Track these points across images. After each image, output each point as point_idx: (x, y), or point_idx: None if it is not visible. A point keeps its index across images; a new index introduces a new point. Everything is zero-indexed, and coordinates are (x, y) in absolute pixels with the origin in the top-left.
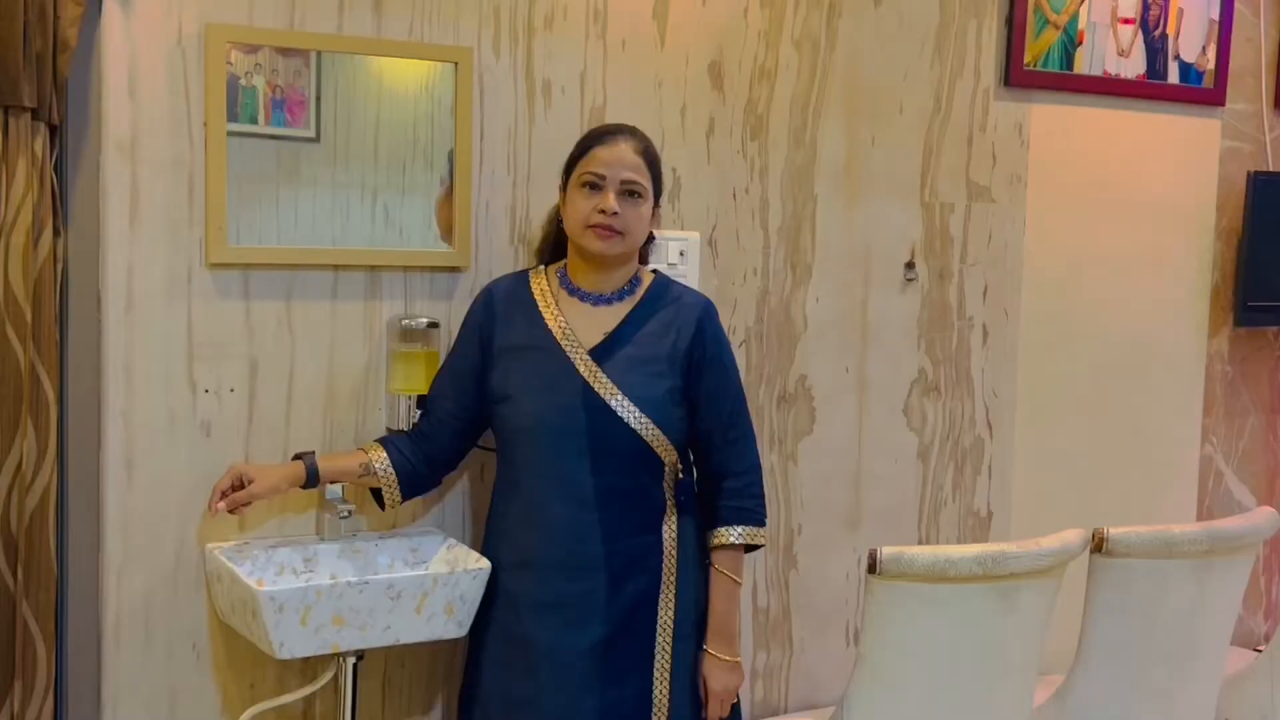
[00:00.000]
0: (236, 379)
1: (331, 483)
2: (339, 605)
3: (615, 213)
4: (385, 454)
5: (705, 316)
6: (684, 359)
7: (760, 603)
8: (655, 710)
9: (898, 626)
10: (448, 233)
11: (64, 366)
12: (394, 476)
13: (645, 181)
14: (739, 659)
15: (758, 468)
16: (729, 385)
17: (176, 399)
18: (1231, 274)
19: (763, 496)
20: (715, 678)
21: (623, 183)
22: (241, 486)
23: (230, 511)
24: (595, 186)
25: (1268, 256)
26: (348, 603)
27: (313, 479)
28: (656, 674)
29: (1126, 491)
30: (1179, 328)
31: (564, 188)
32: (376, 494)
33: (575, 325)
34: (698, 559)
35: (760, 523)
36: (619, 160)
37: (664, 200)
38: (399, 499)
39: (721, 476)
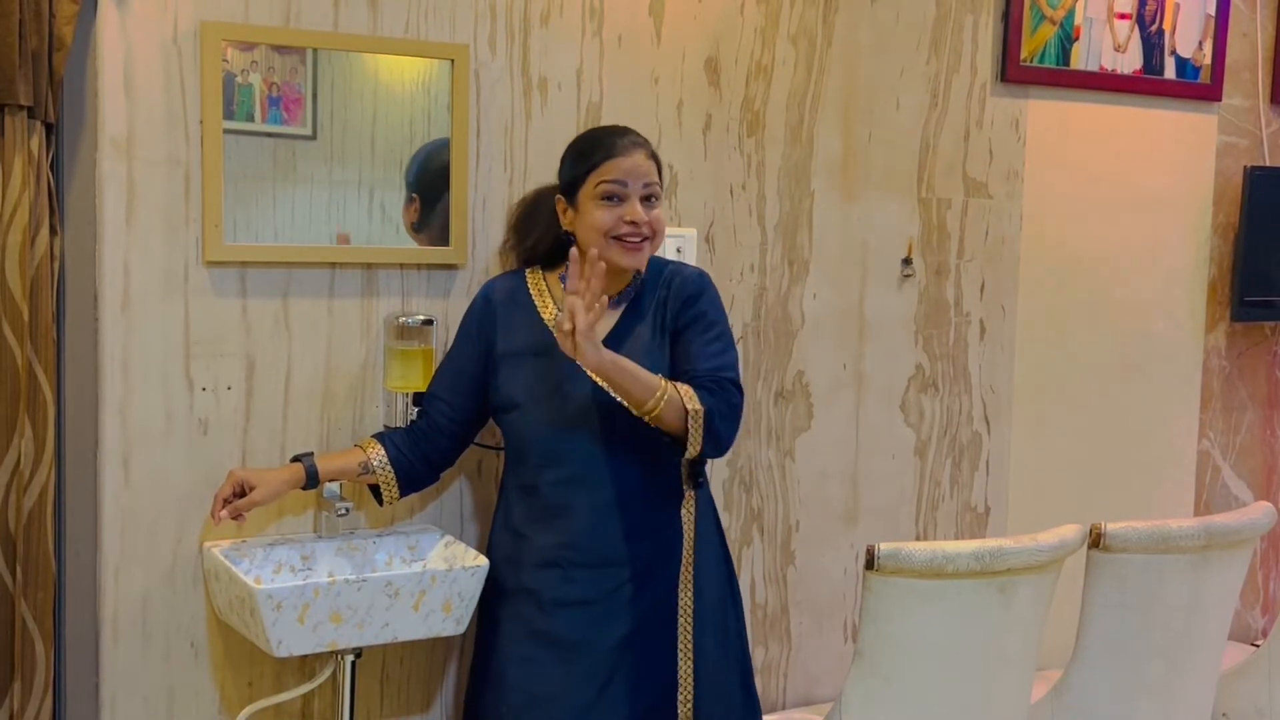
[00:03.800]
0: (233, 377)
1: (330, 481)
2: (337, 603)
3: (646, 221)
4: (383, 450)
5: (691, 285)
6: (671, 326)
7: (758, 598)
8: (681, 698)
9: (896, 622)
10: (412, 231)
11: (61, 365)
12: (392, 473)
13: (659, 181)
14: (594, 357)
15: (731, 397)
16: (714, 328)
17: (173, 397)
18: (1228, 269)
19: (728, 423)
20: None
21: (644, 187)
22: (242, 493)
23: (232, 518)
24: (617, 197)
25: (1264, 251)
26: (346, 600)
27: (312, 480)
28: (681, 661)
29: (1124, 487)
30: (1176, 323)
31: (571, 201)
32: (374, 490)
33: None
34: (715, 538)
35: (710, 412)
36: (635, 168)
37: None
38: (396, 495)
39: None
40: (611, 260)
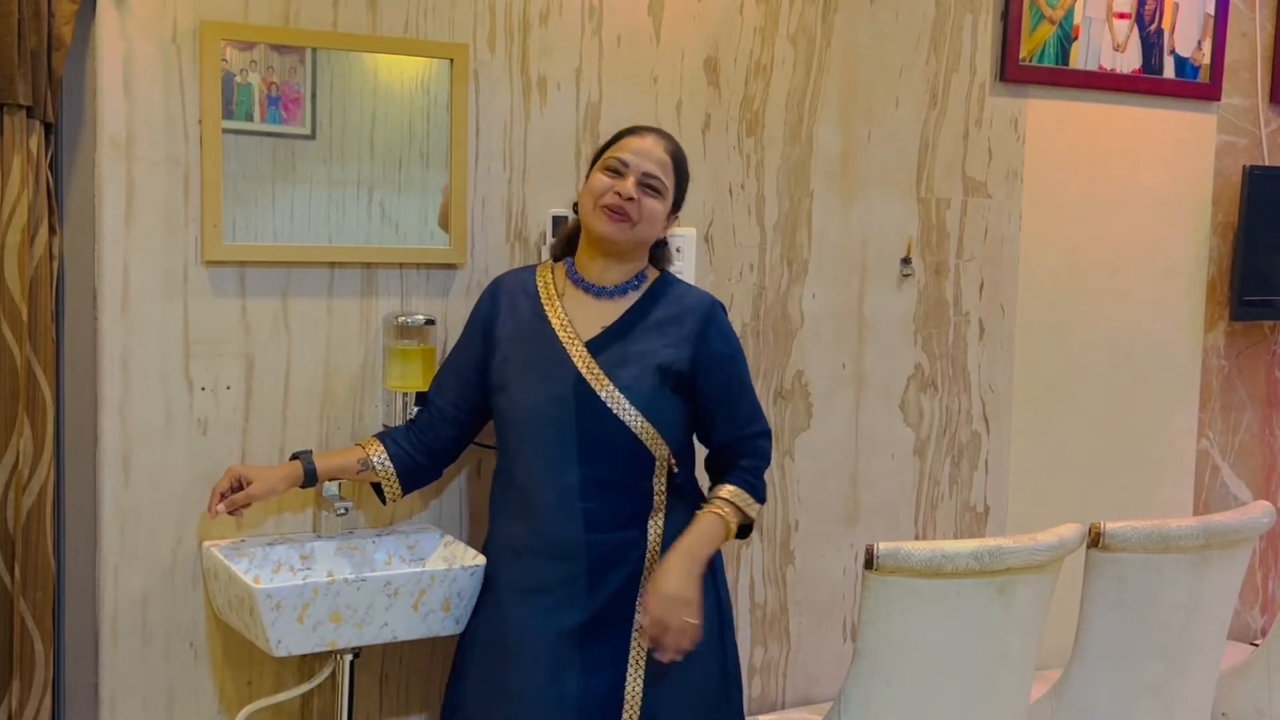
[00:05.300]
0: (233, 376)
1: (329, 480)
2: (336, 602)
3: (631, 198)
4: (383, 448)
5: (710, 316)
6: (689, 361)
7: (758, 598)
8: (627, 706)
9: (895, 622)
10: (445, 223)
11: (60, 365)
12: (392, 470)
13: (667, 180)
14: (689, 593)
15: (767, 454)
16: (744, 383)
17: (173, 397)
18: (1227, 268)
19: (763, 474)
20: (653, 601)
21: (644, 174)
22: (240, 488)
23: (230, 513)
24: (617, 172)
25: (1263, 251)
26: (345, 600)
27: (311, 478)
28: (630, 668)
29: (1123, 486)
30: (1175, 322)
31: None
32: (377, 488)
33: (576, 317)
34: None
35: (760, 499)
36: (646, 152)
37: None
38: (399, 493)
39: (736, 461)
40: (591, 226)
